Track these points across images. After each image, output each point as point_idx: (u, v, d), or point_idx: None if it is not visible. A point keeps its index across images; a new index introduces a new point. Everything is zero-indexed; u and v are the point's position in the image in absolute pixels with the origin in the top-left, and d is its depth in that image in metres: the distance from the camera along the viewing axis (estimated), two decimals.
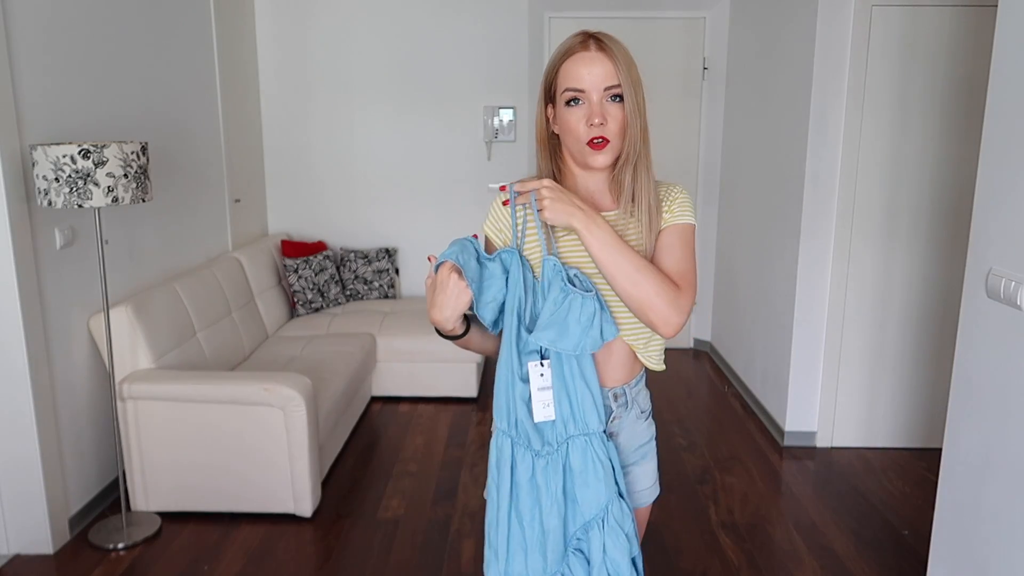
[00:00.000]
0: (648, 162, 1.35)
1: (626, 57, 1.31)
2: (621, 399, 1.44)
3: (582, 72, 1.29)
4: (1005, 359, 1.78)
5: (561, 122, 1.34)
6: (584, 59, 1.30)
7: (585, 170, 1.38)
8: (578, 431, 1.35)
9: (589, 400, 1.34)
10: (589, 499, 1.34)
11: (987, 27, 3.02)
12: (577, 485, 1.34)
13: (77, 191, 2.39)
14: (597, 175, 1.38)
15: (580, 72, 1.29)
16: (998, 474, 1.81)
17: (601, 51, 1.29)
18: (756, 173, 4.03)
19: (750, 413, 3.94)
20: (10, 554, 2.61)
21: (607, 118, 1.29)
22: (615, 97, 1.30)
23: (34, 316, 2.53)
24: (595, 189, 1.40)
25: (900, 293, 3.37)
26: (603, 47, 1.30)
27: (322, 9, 4.53)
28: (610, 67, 1.29)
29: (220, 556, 2.63)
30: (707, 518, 2.89)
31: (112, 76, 2.99)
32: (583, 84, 1.29)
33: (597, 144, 1.30)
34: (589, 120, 1.29)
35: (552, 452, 1.35)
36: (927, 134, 3.22)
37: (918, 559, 2.61)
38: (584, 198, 1.36)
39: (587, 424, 1.35)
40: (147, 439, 2.78)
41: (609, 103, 1.30)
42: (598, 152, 1.31)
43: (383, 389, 4.10)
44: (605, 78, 1.29)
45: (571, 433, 1.35)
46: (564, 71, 1.31)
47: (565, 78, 1.31)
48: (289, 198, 4.75)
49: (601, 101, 1.30)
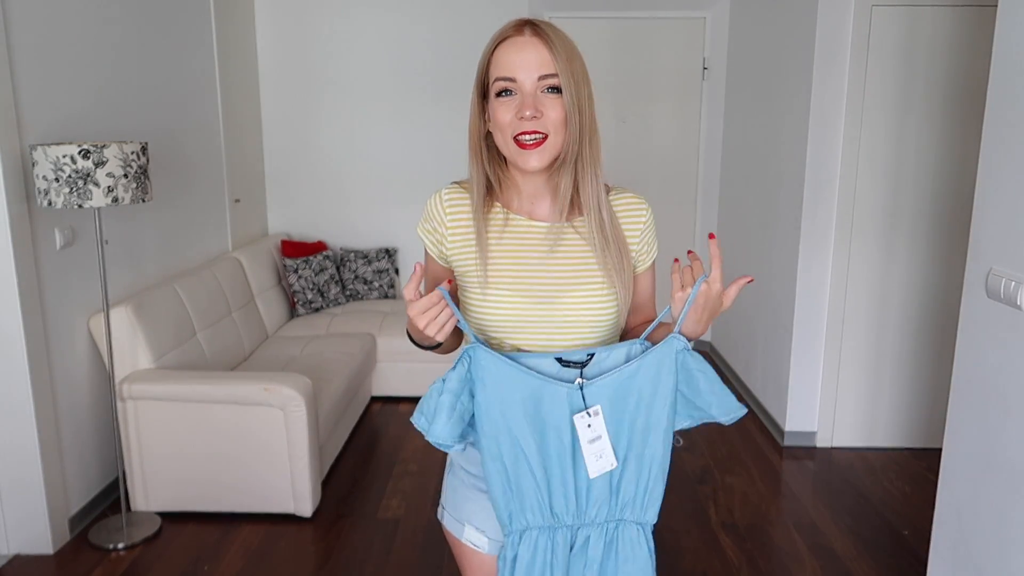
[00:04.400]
0: (597, 168, 1.21)
1: (567, 46, 1.17)
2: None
3: (513, 59, 1.15)
4: (1005, 359, 1.78)
5: (492, 116, 1.20)
6: (516, 44, 1.16)
7: (523, 175, 1.24)
8: (633, 516, 1.22)
9: (658, 468, 1.21)
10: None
11: (987, 27, 3.02)
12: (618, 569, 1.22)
13: (77, 191, 2.39)
14: (537, 177, 1.24)
15: (512, 59, 1.15)
16: (998, 474, 1.81)
17: (536, 36, 1.16)
18: (756, 173, 4.03)
19: (750, 413, 3.94)
20: (10, 554, 2.61)
21: (542, 110, 1.15)
22: (552, 89, 1.15)
23: (34, 316, 2.53)
24: (534, 193, 1.26)
25: (900, 293, 3.37)
26: (539, 32, 1.16)
27: (322, 9, 4.53)
28: (545, 54, 1.14)
29: (220, 556, 2.63)
30: (707, 518, 2.89)
31: (112, 76, 2.99)
32: (514, 71, 1.15)
33: (528, 143, 1.15)
34: (520, 111, 1.15)
35: (598, 526, 1.22)
36: (927, 134, 3.22)
37: (918, 559, 2.61)
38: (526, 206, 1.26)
39: (645, 511, 1.22)
40: (147, 439, 2.78)
41: (545, 95, 1.15)
42: (529, 152, 1.16)
43: (383, 389, 4.10)
44: (540, 65, 1.14)
45: (622, 516, 1.21)
46: (495, 59, 1.18)
47: (496, 67, 1.17)
48: (289, 198, 4.75)
49: (535, 91, 1.15)
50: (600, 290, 1.24)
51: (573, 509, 1.20)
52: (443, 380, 1.18)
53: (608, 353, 1.19)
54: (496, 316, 1.23)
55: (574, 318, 1.23)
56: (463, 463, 1.35)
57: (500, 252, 1.25)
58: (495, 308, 1.23)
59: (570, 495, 1.19)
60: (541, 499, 1.19)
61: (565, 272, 1.24)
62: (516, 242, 1.26)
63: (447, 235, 1.29)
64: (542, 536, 1.20)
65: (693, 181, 4.80)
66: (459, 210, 1.29)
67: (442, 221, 1.29)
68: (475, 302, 1.25)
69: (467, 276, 1.27)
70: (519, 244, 1.26)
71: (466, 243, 1.27)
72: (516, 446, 1.17)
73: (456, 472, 1.37)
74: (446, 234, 1.29)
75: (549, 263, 1.24)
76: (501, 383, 1.16)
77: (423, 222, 1.32)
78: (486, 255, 1.24)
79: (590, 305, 1.23)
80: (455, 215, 1.29)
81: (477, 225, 1.25)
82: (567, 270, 1.24)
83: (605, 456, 1.18)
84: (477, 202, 1.26)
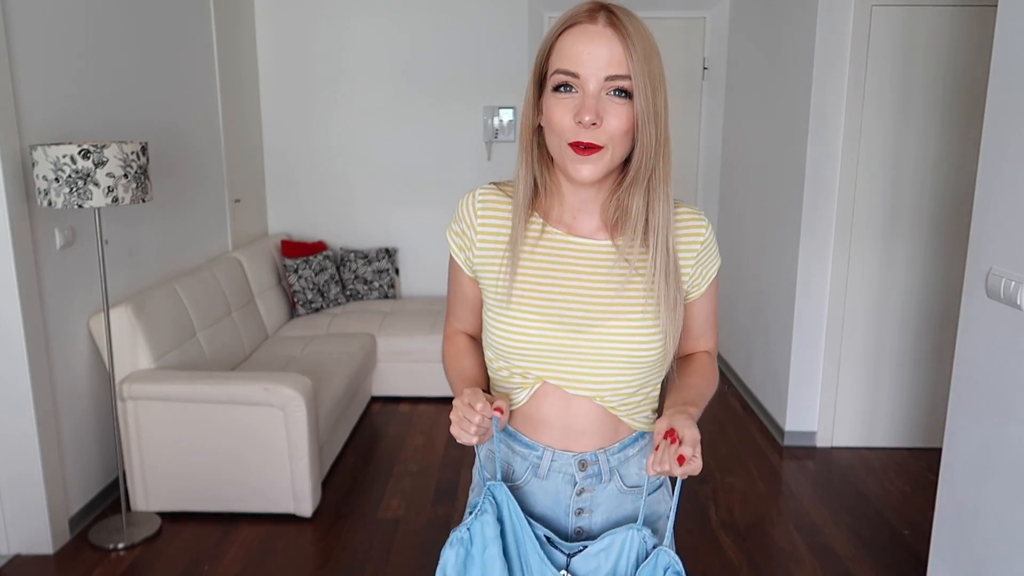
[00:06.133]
0: (668, 186, 1.05)
1: (646, 43, 0.99)
2: (592, 468, 1.14)
3: (581, 50, 0.97)
4: (1005, 359, 1.78)
5: (546, 113, 1.03)
6: (586, 33, 0.98)
7: (571, 183, 1.07)
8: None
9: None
10: None
11: (987, 27, 3.02)
12: None
13: (77, 191, 2.39)
14: (588, 189, 1.07)
15: (578, 50, 0.98)
16: (998, 474, 1.81)
17: (611, 27, 0.97)
18: (756, 173, 4.03)
19: (750, 413, 3.94)
20: (10, 554, 2.61)
21: (603, 116, 0.98)
22: (620, 92, 0.98)
23: (34, 316, 2.53)
24: (579, 207, 1.10)
25: (900, 293, 3.37)
26: (615, 22, 0.98)
27: (322, 9, 4.53)
28: (619, 50, 0.97)
29: (220, 556, 2.63)
30: (707, 518, 2.89)
31: (112, 76, 2.99)
32: (578, 66, 0.98)
33: (582, 149, 0.99)
34: (578, 115, 0.98)
35: None
36: (927, 134, 3.22)
37: (918, 559, 2.61)
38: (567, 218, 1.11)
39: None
40: (147, 439, 2.78)
41: (611, 98, 0.99)
42: (582, 160, 1.00)
43: (383, 389, 4.10)
44: (610, 63, 0.97)
45: None
46: (559, 47, 1.00)
47: (558, 56, 1.00)
48: (289, 198, 4.75)
49: (599, 93, 0.98)
50: (645, 322, 1.07)
51: None
52: (468, 531, 1.12)
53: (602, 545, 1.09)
54: (518, 341, 1.09)
55: (611, 352, 1.07)
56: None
57: (531, 267, 1.10)
58: (518, 331, 1.09)
59: None
60: None
61: (603, 298, 1.08)
62: (549, 257, 1.10)
63: (476, 240, 1.14)
64: None
65: (693, 181, 4.80)
66: (493, 214, 1.13)
67: (471, 224, 1.14)
68: (496, 322, 1.11)
69: (490, 291, 1.12)
70: (553, 260, 1.10)
71: (495, 252, 1.12)
72: None
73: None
74: (475, 239, 1.14)
75: (586, 286, 1.09)
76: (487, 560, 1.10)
77: (452, 223, 1.17)
78: (515, 268, 1.09)
79: (630, 338, 1.07)
80: (487, 219, 1.13)
81: (514, 232, 1.09)
82: (606, 296, 1.08)
83: None
84: (522, 204, 1.10)
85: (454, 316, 1.26)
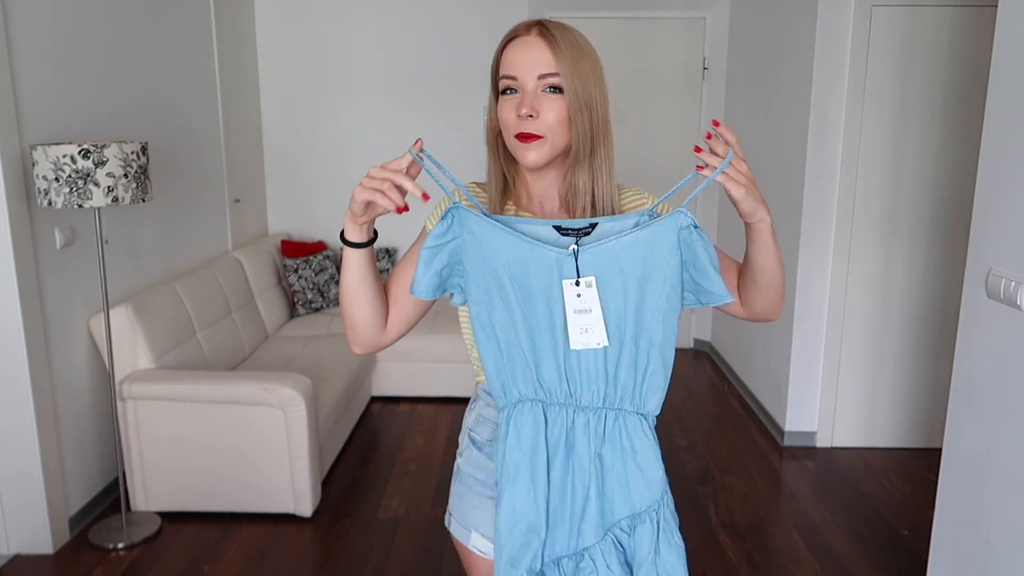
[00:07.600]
0: (610, 166, 1.22)
1: (574, 47, 1.17)
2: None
3: (516, 58, 1.18)
4: (1005, 359, 1.78)
5: (497, 113, 1.22)
6: (522, 43, 1.18)
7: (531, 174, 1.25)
8: (633, 406, 1.17)
9: (658, 355, 1.15)
10: (642, 485, 1.19)
11: (987, 27, 3.02)
12: (628, 467, 1.18)
13: (77, 191, 2.39)
14: (546, 176, 1.25)
15: (516, 58, 1.18)
16: (998, 474, 1.81)
17: (541, 36, 1.17)
18: (756, 173, 4.00)
19: (750, 413, 3.94)
20: (10, 554, 2.61)
21: (539, 110, 1.16)
22: (553, 88, 1.16)
23: (34, 316, 2.53)
24: (543, 194, 1.27)
25: (900, 293, 3.37)
26: (544, 32, 1.17)
27: (322, 9, 4.53)
28: (547, 53, 1.15)
29: (220, 556, 2.63)
30: (707, 518, 2.89)
31: (112, 76, 2.99)
32: (516, 70, 1.17)
33: (526, 138, 1.17)
34: (518, 109, 1.16)
35: (594, 411, 1.17)
36: (927, 134, 3.22)
37: (918, 559, 2.61)
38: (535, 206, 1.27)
39: (644, 401, 1.17)
40: (147, 439, 2.78)
41: (546, 94, 1.16)
42: (526, 148, 1.17)
43: (383, 389, 4.10)
44: (540, 64, 1.15)
45: (621, 406, 1.17)
46: (504, 58, 1.20)
47: (503, 65, 1.20)
48: (289, 198, 4.75)
49: (536, 91, 1.16)
50: None
51: (566, 388, 1.16)
52: None
53: (613, 223, 1.15)
54: None
55: None
56: (470, 470, 1.34)
57: None
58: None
59: (560, 369, 1.16)
60: (528, 369, 1.16)
61: None
62: None
63: None
64: (535, 409, 1.17)
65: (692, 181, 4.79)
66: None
67: None
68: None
69: None
70: None
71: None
72: (505, 312, 1.15)
73: (463, 479, 1.36)
74: None
75: None
76: (487, 246, 1.13)
77: (431, 217, 1.29)
78: None
79: None
80: None
81: None
82: None
83: (593, 332, 1.13)
84: (496, 195, 1.25)
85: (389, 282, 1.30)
